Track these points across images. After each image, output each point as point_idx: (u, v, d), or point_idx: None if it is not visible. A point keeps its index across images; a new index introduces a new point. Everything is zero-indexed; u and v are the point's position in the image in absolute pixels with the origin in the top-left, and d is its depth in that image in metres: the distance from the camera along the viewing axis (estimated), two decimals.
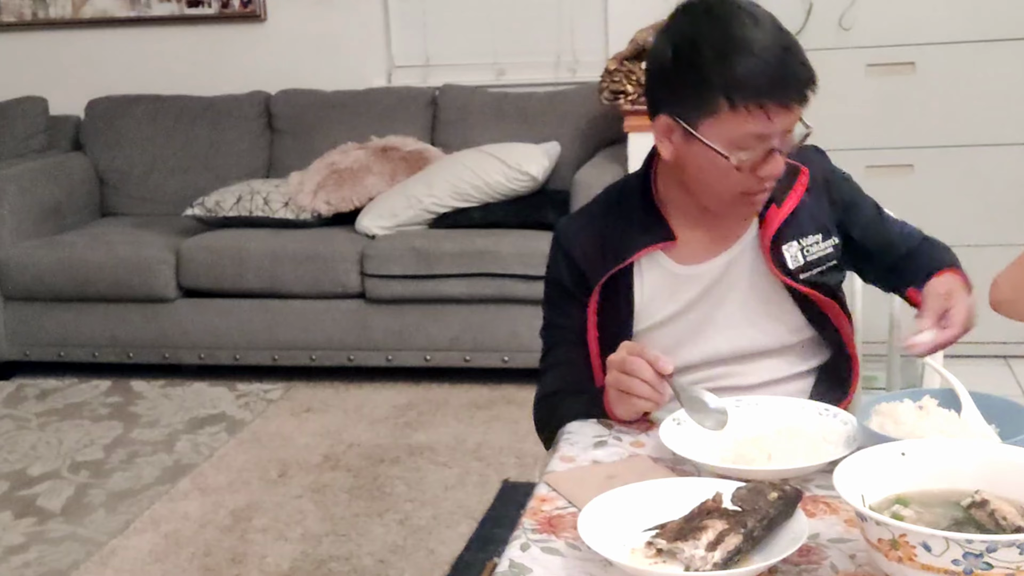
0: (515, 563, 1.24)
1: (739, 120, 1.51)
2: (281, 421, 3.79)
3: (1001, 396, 1.43)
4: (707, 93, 1.52)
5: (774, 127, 1.51)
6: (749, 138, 1.52)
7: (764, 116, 1.50)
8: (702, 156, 1.56)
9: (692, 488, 1.30)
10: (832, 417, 1.49)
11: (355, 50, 4.71)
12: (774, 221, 1.67)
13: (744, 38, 1.51)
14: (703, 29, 1.54)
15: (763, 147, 1.53)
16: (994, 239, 3.81)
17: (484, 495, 3.15)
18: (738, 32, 1.51)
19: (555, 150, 4.17)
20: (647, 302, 1.71)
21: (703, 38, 1.53)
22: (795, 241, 1.68)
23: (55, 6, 4.94)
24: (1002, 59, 3.71)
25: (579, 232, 1.75)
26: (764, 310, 1.71)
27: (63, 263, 4.21)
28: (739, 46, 1.50)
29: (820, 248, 1.70)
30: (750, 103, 1.50)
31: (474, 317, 3.95)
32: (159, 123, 4.72)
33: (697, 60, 1.52)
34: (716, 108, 1.52)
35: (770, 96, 1.49)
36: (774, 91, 1.50)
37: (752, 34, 1.51)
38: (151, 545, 2.98)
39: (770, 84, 1.49)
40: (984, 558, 1.01)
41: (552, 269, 1.78)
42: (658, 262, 1.71)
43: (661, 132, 1.60)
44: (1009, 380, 3.71)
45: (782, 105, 1.50)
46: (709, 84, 1.51)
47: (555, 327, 1.79)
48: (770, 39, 1.51)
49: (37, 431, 3.83)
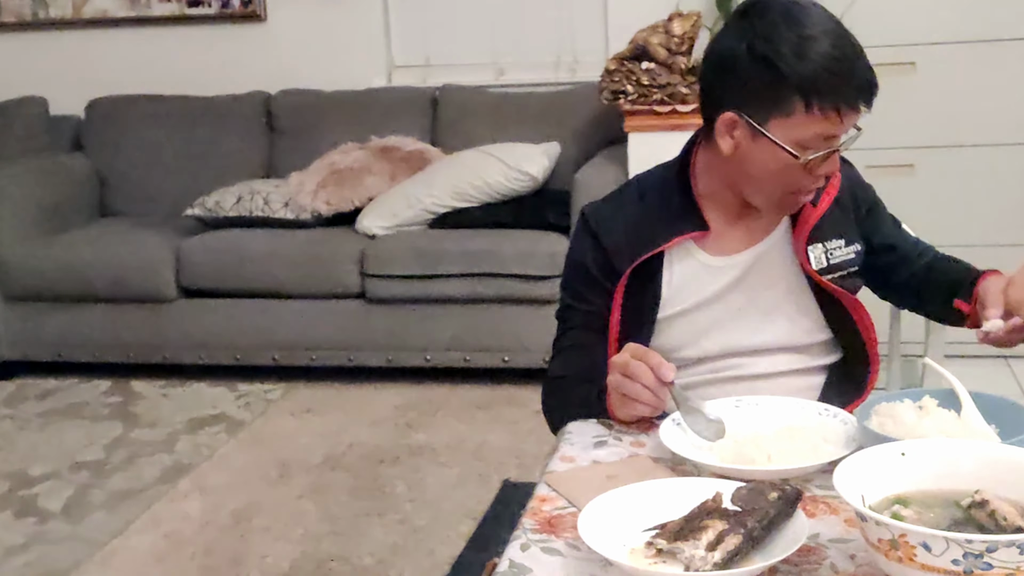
0: (515, 563, 1.24)
1: (812, 121, 1.53)
2: (281, 421, 3.79)
3: (1001, 396, 1.43)
4: (783, 92, 1.53)
5: (843, 128, 1.55)
6: (818, 139, 1.55)
7: (837, 118, 1.53)
8: (768, 153, 1.57)
9: (692, 488, 1.30)
10: (832, 417, 1.49)
11: (355, 50, 4.71)
12: (810, 219, 1.70)
13: (821, 40, 1.52)
14: (780, 28, 1.54)
15: (827, 147, 1.56)
16: (994, 239, 3.81)
17: (484, 495, 3.15)
18: (815, 33, 1.53)
19: (555, 150, 4.17)
20: (674, 290, 1.72)
21: (780, 37, 1.53)
22: (820, 243, 1.71)
23: (55, 6, 4.94)
24: (1002, 59, 3.71)
25: (609, 218, 1.75)
26: (787, 307, 1.73)
27: (63, 263, 4.21)
28: (818, 48, 1.52)
29: (843, 253, 1.72)
30: (826, 105, 1.52)
31: (474, 317, 3.95)
32: (159, 123, 4.72)
33: (774, 59, 1.53)
34: (791, 108, 1.53)
35: (845, 99, 1.52)
36: (849, 94, 1.53)
37: (828, 36, 1.53)
38: (151, 545, 2.98)
39: (847, 88, 1.52)
40: (984, 558, 1.01)
41: (576, 252, 1.78)
42: (689, 251, 1.72)
43: (724, 127, 1.60)
44: (1009, 380, 3.71)
45: (854, 108, 1.54)
46: (786, 84, 1.52)
47: (572, 310, 1.79)
48: (844, 42, 1.54)
49: (37, 431, 3.83)
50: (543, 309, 3.81)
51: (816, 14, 1.56)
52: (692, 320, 1.73)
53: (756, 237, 1.72)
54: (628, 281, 1.71)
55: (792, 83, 1.52)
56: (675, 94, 3.75)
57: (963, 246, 3.72)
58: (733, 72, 1.58)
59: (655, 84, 3.76)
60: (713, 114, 1.62)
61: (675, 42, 3.81)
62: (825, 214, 1.71)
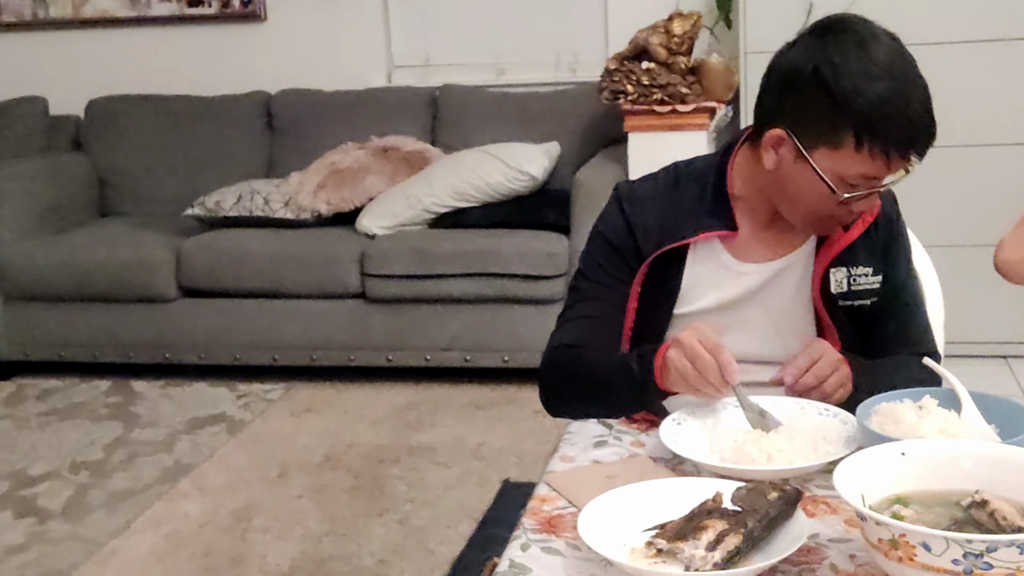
0: (515, 563, 1.24)
1: (859, 160, 1.51)
2: (281, 421, 3.79)
3: (1001, 396, 1.43)
4: (837, 124, 1.50)
5: (888, 173, 1.53)
6: (861, 178, 1.53)
7: (885, 162, 1.51)
8: (807, 179, 1.55)
9: (692, 488, 1.30)
10: (832, 417, 1.49)
11: (355, 50, 4.71)
12: (838, 243, 1.67)
13: (886, 80, 1.49)
14: (850, 58, 1.50)
15: (868, 187, 1.54)
16: (994, 239, 3.78)
17: (484, 495, 3.15)
18: (882, 71, 1.49)
19: (555, 150, 4.17)
20: (692, 286, 1.71)
21: (847, 68, 1.50)
22: (845, 267, 1.68)
23: (55, 6, 4.94)
24: (1002, 59, 3.71)
25: (643, 200, 1.73)
26: (800, 324, 1.70)
27: (63, 263, 4.21)
28: (879, 87, 1.48)
29: (867, 281, 1.69)
30: (876, 148, 1.49)
31: (474, 317, 3.95)
32: (159, 123, 4.72)
33: (835, 89, 1.50)
34: (840, 142, 1.51)
35: (896, 145, 1.50)
36: (901, 141, 1.50)
37: (894, 77, 1.50)
38: (151, 545, 2.98)
39: (902, 137, 1.50)
40: (984, 558, 1.01)
41: (605, 224, 1.75)
42: (713, 250, 1.70)
43: (770, 142, 1.58)
44: (1009, 380, 3.71)
45: (904, 156, 1.51)
46: (841, 116, 1.50)
47: (589, 281, 1.75)
48: (910, 87, 1.50)
49: (37, 431, 3.83)
50: (543, 309, 3.81)
51: (890, 50, 1.52)
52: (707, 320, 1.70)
53: (782, 250, 1.70)
54: (649, 269, 1.70)
55: (847, 118, 1.49)
56: (675, 94, 3.75)
57: (963, 246, 3.77)
58: (793, 90, 1.55)
59: (655, 84, 3.76)
60: (764, 125, 1.60)
61: (675, 42, 3.81)
62: (857, 240, 1.67)
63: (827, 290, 1.67)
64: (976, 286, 3.73)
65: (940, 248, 1.84)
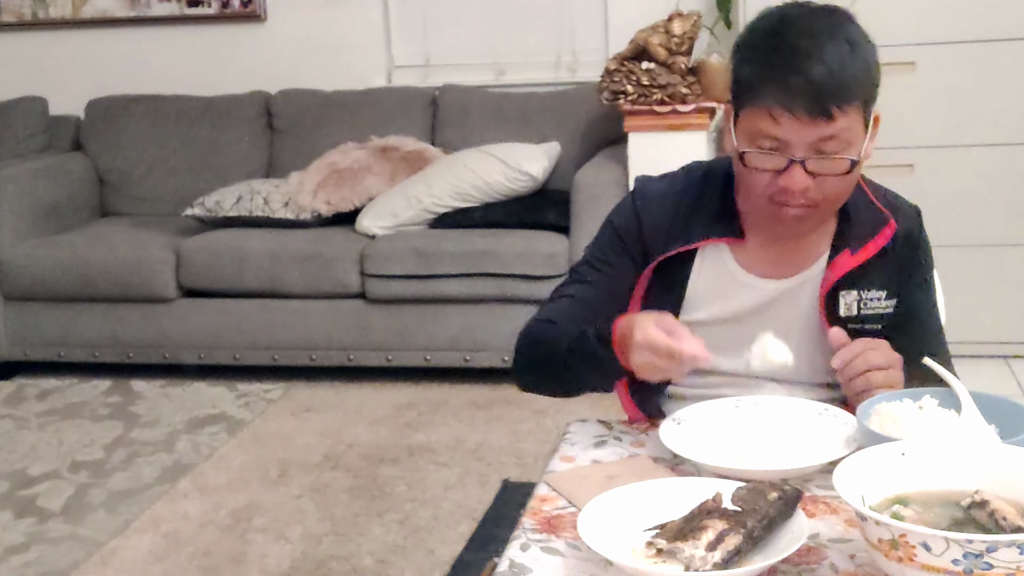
0: (515, 563, 1.24)
1: (754, 116, 1.52)
2: (281, 421, 3.79)
3: (1001, 396, 1.43)
4: (734, 87, 1.56)
5: (781, 131, 1.49)
6: (761, 137, 1.52)
7: (770, 117, 1.49)
8: (732, 146, 1.58)
9: (692, 488, 1.30)
10: (832, 417, 1.49)
11: (355, 50, 4.71)
12: (842, 267, 1.63)
13: (781, 41, 1.51)
14: (760, 25, 1.55)
15: (776, 150, 1.51)
16: (994, 239, 3.82)
17: (484, 495, 3.15)
18: (781, 34, 1.51)
19: (555, 150, 4.17)
20: (699, 296, 1.68)
21: (755, 34, 1.55)
22: (856, 291, 1.64)
23: (55, 6, 4.93)
24: (1002, 59, 3.71)
25: (657, 198, 1.71)
26: (804, 347, 1.65)
27: (63, 263, 4.20)
28: (774, 48, 1.51)
29: (880, 305, 1.65)
30: (759, 104, 1.50)
31: (474, 317, 3.95)
32: (159, 123, 4.72)
33: (742, 55, 1.56)
34: (741, 103, 1.54)
35: (778, 100, 1.48)
36: (776, 96, 1.48)
37: (792, 38, 1.50)
38: (151, 545, 2.98)
39: (778, 89, 1.48)
40: (984, 558, 1.01)
41: (617, 215, 1.74)
42: (721, 258, 1.68)
43: (724, 120, 1.61)
44: (1009, 380, 3.71)
45: (787, 111, 1.48)
46: (736, 79, 1.55)
47: (590, 267, 1.73)
48: (808, 44, 1.48)
49: (37, 431, 3.83)
50: None
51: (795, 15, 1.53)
52: (710, 334, 1.65)
53: (793, 268, 1.66)
54: (655, 273, 1.68)
55: (740, 77, 1.54)
56: (675, 94, 3.75)
57: (963, 246, 3.77)
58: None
59: (655, 84, 3.76)
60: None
61: (675, 42, 3.81)
62: (871, 260, 1.63)
63: (836, 313, 1.63)
64: (976, 286, 3.75)
65: (940, 248, 1.83)
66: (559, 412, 3.56)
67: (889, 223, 1.65)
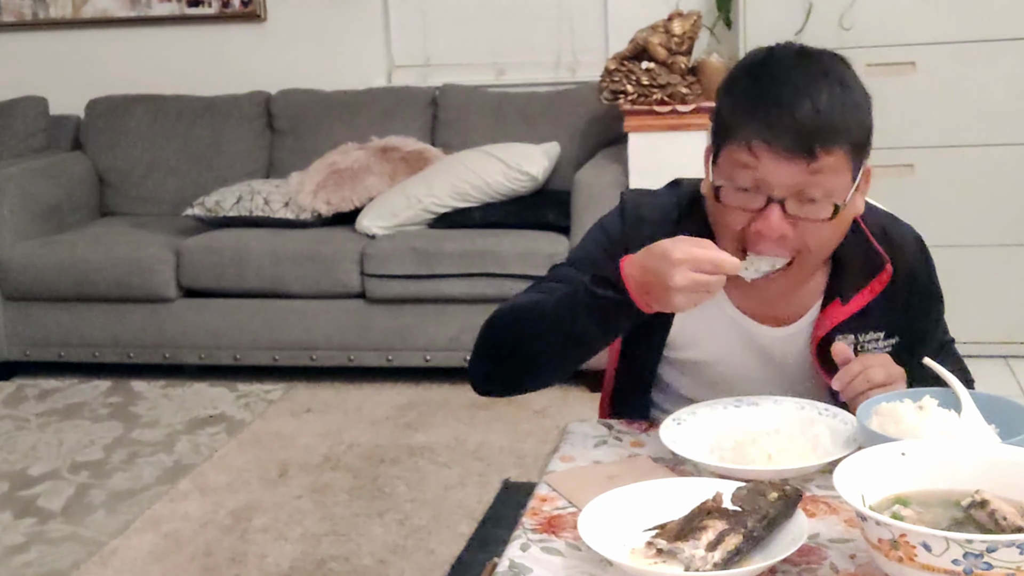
0: (515, 563, 1.24)
1: (733, 152, 1.46)
2: (281, 421, 3.79)
3: (1001, 396, 1.43)
4: (716, 123, 1.51)
5: (761, 167, 1.43)
6: (739, 174, 1.46)
7: (749, 152, 1.44)
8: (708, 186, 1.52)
9: (692, 488, 1.30)
10: (832, 417, 1.49)
11: (355, 50, 4.71)
12: (833, 318, 1.58)
13: (767, 77, 1.46)
14: (747, 62, 1.52)
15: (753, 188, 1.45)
16: (994, 239, 3.82)
17: (484, 495, 3.15)
18: (769, 70, 1.47)
19: (555, 150, 4.17)
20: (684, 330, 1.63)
21: (741, 70, 1.51)
22: (852, 335, 1.59)
23: (55, 6, 4.94)
24: (1002, 59, 3.71)
25: (645, 222, 1.62)
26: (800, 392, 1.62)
27: (63, 263, 4.20)
28: (758, 82, 1.46)
29: (878, 346, 1.61)
30: (739, 139, 1.45)
31: (474, 317, 3.92)
32: (159, 123, 4.72)
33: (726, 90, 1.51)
34: (721, 140, 1.49)
35: (758, 135, 1.42)
36: (759, 131, 1.42)
37: (779, 74, 1.45)
38: (151, 545, 2.98)
39: (760, 123, 1.43)
40: (984, 558, 1.01)
41: (604, 228, 1.66)
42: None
43: (704, 160, 1.56)
44: (1009, 380, 3.71)
45: (767, 145, 1.42)
46: (718, 113, 1.50)
47: (569, 265, 1.66)
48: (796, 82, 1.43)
49: (37, 431, 3.83)
50: None
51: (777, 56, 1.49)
52: (701, 370, 1.66)
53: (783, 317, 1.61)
54: None
55: (721, 110, 1.50)
56: (675, 94, 3.75)
57: (963, 246, 3.77)
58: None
59: (655, 84, 3.76)
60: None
61: (675, 42, 3.81)
62: (866, 307, 1.58)
63: (830, 358, 1.55)
64: (976, 286, 3.75)
65: (940, 248, 1.83)
66: (559, 412, 3.56)
67: (885, 268, 1.59)
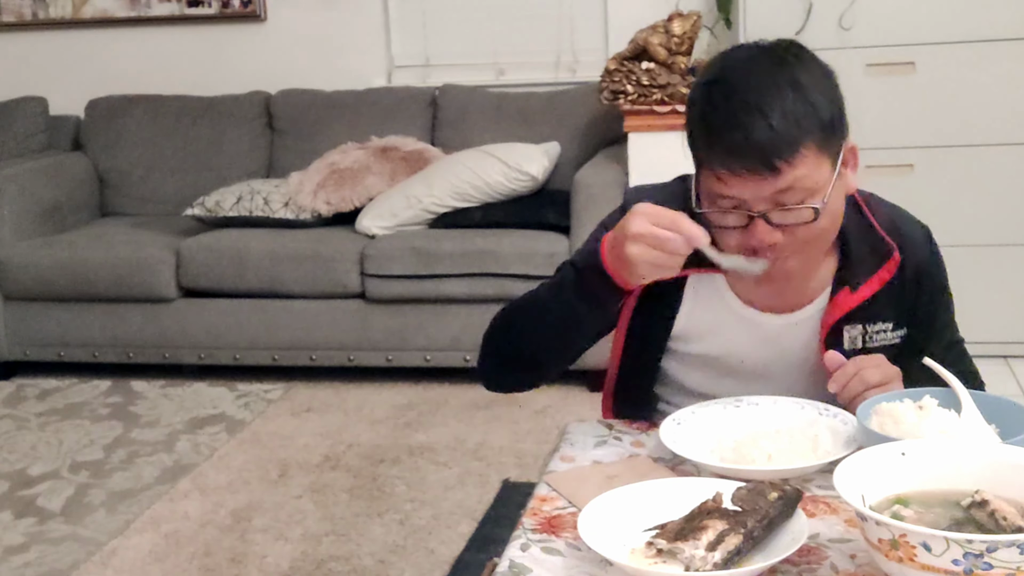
0: (515, 563, 1.24)
1: (706, 178, 1.47)
2: (281, 421, 3.79)
3: (1001, 396, 1.43)
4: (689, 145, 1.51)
5: (732, 191, 1.44)
6: (717, 196, 1.47)
7: (717, 180, 1.44)
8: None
9: (692, 488, 1.30)
10: (832, 417, 1.49)
11: (355, 50, 4.71)
12: (842, 306, 1.57)
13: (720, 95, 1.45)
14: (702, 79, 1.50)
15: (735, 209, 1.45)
16: (994, 239, 3.82)
17: (484, 495, 3.15)
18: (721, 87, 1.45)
19: (555, 150, 4.17)
20: (692, 328, 1.63)
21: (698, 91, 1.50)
22: (861, 324, 1.58)
23: (55, 6, 4.94)
24: (1002, 59, 3.71)
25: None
26: (808, 383, 1.62)
27: (63, 263, 4.20)
28: (711, 103, 1.45)
29: (886, 337, 1.60)
30: (706, 167, 1.46)
31: (474, 317, 3.94)
32: (159, 123, 4.72)
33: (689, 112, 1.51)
34: (696, 165, 1.51)
35: (721, 163, 1.43)
36: (719, 159, 1.43)
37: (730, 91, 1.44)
38: (151, 545, 2.98)
39: (719, 150, 1.43)
40: (984, 558, 1.01)
41: (610, 220, 1.63)
42: (717, 290, 1.61)
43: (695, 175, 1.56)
44: (1009, 380, 3.71)
45: (732, 173, 1.42)
46: (688, 135, 1.51)
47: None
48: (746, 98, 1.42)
49: (37, 431, 3.83)
50: None
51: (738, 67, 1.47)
52: (709, 363, 1.65)
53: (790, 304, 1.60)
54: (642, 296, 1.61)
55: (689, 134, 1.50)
56: (675, 94, 3.75)
57: (963, 246, 3.77)
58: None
59: (655, 84, 3.76)
60: None
61: (675, 42, 3.81)
62: (875, 296, 1.57)
63: (840, 347, 1.56)
64: (976, 286, 3.74)
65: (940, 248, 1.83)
66: (559, 412, 3.56)
67: (893, 256, 1.58)
